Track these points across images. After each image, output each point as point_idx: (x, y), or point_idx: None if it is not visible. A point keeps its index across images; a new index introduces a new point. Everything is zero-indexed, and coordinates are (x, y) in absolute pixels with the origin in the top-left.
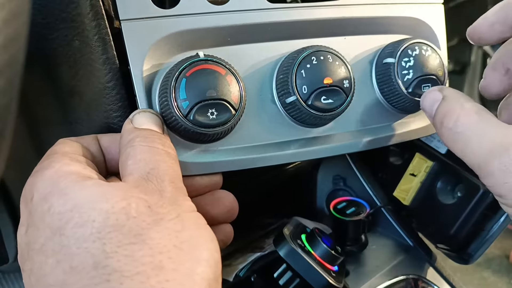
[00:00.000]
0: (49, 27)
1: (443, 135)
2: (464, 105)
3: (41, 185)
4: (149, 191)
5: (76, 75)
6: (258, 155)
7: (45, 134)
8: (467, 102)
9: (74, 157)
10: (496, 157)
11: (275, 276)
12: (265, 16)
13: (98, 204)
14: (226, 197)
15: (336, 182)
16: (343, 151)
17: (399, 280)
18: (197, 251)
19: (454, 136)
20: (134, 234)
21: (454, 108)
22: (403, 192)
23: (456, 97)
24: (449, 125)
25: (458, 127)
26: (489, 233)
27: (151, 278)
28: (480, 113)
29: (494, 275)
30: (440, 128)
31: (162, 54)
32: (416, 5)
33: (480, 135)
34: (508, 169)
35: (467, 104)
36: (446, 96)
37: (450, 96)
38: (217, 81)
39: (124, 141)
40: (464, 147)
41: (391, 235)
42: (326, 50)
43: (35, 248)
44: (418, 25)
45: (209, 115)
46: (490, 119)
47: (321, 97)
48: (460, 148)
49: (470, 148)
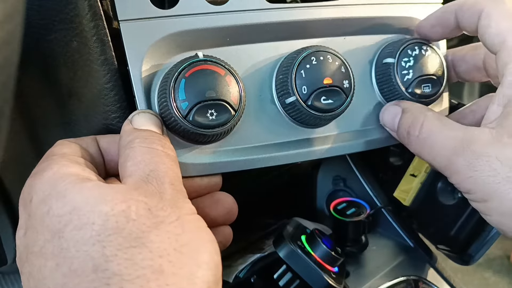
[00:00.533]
0: (47, 28)
1: (410, 143)
2: (426, 114)
3: (39, 187)
4: (149, 193)
5: (74, 76)
6: (258, 156)
7: (44, 135)
8: (428, 111)
9: (72, 159)
10: (460, 154)
11: (275, 277)
12: (264, 16)
13: (97, 207)
14: (225, 199)
15: (336, 182)
16: (343, 152)
17: (399, 281)
18: (197, 254)
19: (420, 143)
20: (134, 237)
21: (418, 118)
22: (404, 192)
23: (417, 108)
24: (415, 133)
25: (423, 133)
26: (490, 233)
27: (151, 282)
28: (441, 118)
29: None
30: (407, 138)
31: (161, 54)
32: (416, 5)
33: (443, 137)
34: (471, 164)
35: (428, 112)
36: (406, 108)
37: (410, 108)
38: (216, 82)
39: (123, 142)
40: (431, 151)
41: (392, 236)
42: (325, 50)
43: (34, 251)
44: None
45: (208, 115)
46: (451, 123)
47: (321, 98)
48: (427, 152)
49: (436, 151)
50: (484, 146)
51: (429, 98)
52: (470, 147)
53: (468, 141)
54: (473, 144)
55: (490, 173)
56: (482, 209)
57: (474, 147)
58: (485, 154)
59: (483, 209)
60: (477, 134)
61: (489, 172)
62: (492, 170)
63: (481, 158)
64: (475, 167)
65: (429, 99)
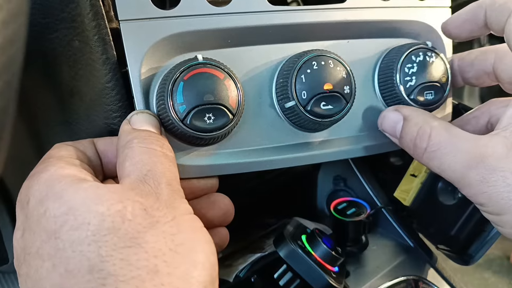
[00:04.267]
0: (49, 27)
1: (418, 156)
2: (433, 124)
3: (36, 188)
4: (145, 193)
5: (76, 75)
6: (256, 159)
7: (45, 135)
8: (433, 121)
9: (69, 161)
10: (472, 168)
11: (276, 276)
12: (266, 18)
13: (93, 207)
14: (221, 200)
15: (337, 182)
16: (342, 157)
17: (399, 281)
18: (193, 254)
19: (429, 156)
20: (130, 237)
21: (424, 129)
22: (404, 192)
23: (420, 116)
24: (422, 146)
25: (432, 146)
26: (490, 234)
27: (146, 282)
28: (449, 129)
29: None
30: (413, 149)
31: (161, 55)
32: (423, 8)
33: (453, 150)
34: (485, 179)
35: (434, 123)
36: (408, 116)
37: (412, 116)
38: (215, 86)
39: (121, 142)
40: (440, 164)
41: (392, 236)
42: (327, 55)
43: (31, 252)
44: (424, 29)
45: (206, 119)
46: (460, 133)
47: (321, 103)
48: (437, 165)
49: (447, 164)
50: (498, 160)
51: (431, 106)
52: (484, 161)
53: (481, 155)
54: (487, 158)
55: (505, 188)
56: (496, 221)
57: (488, 161)
58: (499, 169)
59: (497, 222)
60: (490, 146)
61: (504, 187)
62: (506, 186)
63: (495, 172)
64: (488, 182)
65: (431, 106)
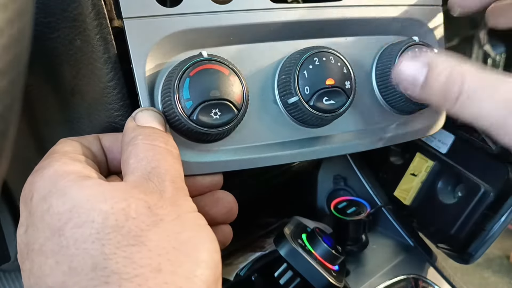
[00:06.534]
0: (50, 26)
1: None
2: (465, 66)
3: (40, 184)
4: (149, 191)
5: (77, 74)
6: (260, 155)
7: (47, 133)
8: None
9: (74, 157)
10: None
11: (276, 275)
12: (268, 16)
13: (97, 205)
14: (225, 197)
15: (337, 181)
16: (344, 152)
17: (399, 279)
18: (197, 253)
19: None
20: (133, 235)
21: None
22: (404, 191)
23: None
24: (455, 91)
25: (467, 91)
26: (490, 233)
27: (149, 280)
28: (485, 71)
29: (494, 275)
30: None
31: (165, 53)
32: (416, 7)
33: (493, 94)
34: None
35: (465, 66)
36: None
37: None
38: (220, 81)
39: (126, 139)
40: (479, 112)
41: (392, 235)
42: (328, 51)
43: (34, 249)
44: (417, 26)
45: (212, 115)
46: (497, 76)
47: (323, 98)
48: (474, 112)
49: (486, 111)
50: None
51: None
52: None
53: None
54: None
55: None
56: None
57: None
58: None
59: None
60: None
61: None
62: None
63: None
64: None
65: None
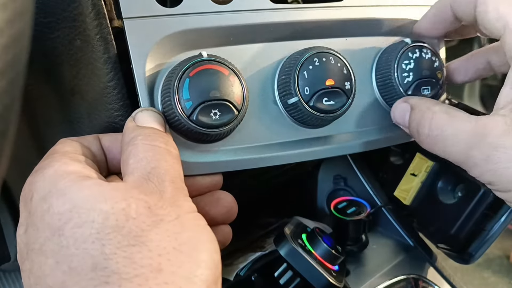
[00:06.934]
0: (50, 26)
1: (422, 142)
2: (433, 108)
3: (40, 184)
4: (149, 191)
5: (77, 75)
6: (260, 155)
7: (47, 133)
8: (434, 106)
9: (74, 157)
10: (475, 148)
11: (276, 275)
12: (268, 16)
13: (97, 205)
14: (225, 197)
15: (337, 182)
16: (344, 152)
17: (399, 279)
18: (197, 253)
19: (432, 140)
20: (134, 235)
21: (425, 114)
22: (404, 192)
23: (423, 104)
24: (424, 132)
25: (433, 130)
26: (490, 233)
27: (149, 280)
28: (449, 112)
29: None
30: (418, 137)
31: (164, 53)
32: (417, 7)
33: (454, 132)
34: (489, 157)
35: (434, 107)
36: (413, 105)
37: (417, 104)
38: (220, 82)
39: (126, 139)
40: (444, 147)
41: (392, 235)
42: (328, 51)
43: (34, 248)
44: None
45: (212, 115)
46: (459, 115)
47: (323, 99)
48: (441, 149)
49: (450, 147)
50: (499, 137)
51: None
52: (485, 139)
53: (481, 134)
54: (487, 137)
55: (510, 164)
56: (506, 198)
57: (489, 139)
58: (501, 146)
59: (508, 198)
60: (490, 125)
61: (508, 163)
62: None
63: (498, 149)
64: (493, 160)
65: None
